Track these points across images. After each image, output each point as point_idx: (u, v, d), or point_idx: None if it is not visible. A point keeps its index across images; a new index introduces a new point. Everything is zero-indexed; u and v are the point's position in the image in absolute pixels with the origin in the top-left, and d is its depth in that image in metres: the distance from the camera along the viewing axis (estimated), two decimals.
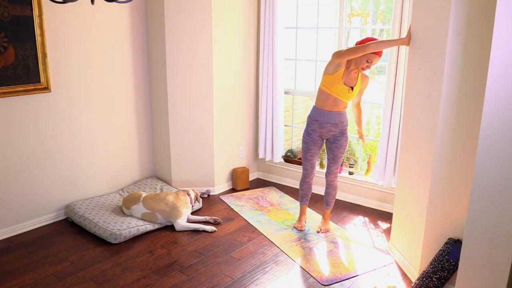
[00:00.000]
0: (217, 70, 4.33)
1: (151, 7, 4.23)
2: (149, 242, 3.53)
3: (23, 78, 3.46)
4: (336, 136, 3.47)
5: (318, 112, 3.42)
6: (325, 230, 3.72)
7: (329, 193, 3.69)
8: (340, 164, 3.63)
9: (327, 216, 3.76)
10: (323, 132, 3.46)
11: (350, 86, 3.31)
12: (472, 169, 2.43)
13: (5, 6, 3.27)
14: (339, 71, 3.26)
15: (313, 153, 3.54)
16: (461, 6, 2.44)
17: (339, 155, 3.53)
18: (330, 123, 3.40)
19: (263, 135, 4.82)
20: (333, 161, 3.56)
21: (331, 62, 3.29)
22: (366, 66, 3.22)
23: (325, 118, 3.40)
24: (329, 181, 3.65)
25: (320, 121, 3.42)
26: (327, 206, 3.73)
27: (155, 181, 4.50)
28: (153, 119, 4.56)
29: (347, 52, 3.15)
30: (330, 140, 3.51)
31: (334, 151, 3.52)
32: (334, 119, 3.40)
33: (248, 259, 3.29)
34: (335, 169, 3.59)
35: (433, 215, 2.79)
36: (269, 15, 4.45)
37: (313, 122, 3.45)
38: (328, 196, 3.70)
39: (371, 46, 3.05)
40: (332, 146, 3.51)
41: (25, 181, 3.64)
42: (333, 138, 3.49)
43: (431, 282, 2.74)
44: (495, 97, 2.04)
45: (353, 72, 3.29)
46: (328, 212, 3.75)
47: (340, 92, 3.31)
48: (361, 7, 5.34)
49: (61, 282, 2.95)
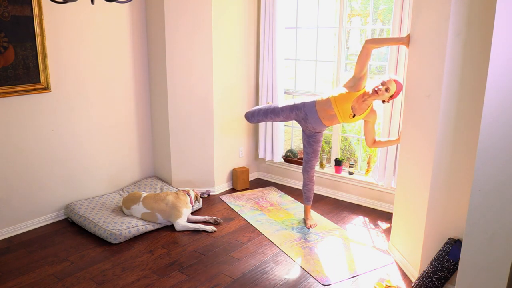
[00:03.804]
0: (217, 70, 4.33)
1: (151, 7, 4.23)
2: (149, 242, 3.53)
3: (23, 78, 3.46)
4: (312, 133, 3.64)
5: (313, 113, 3.44)
6: (314, 224, 3.83)
7: (310, 189, 3.82)
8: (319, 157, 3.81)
9: (309, 211, 3.90)
10: (302, 122, 3.58)
11: (354, 113, 3.32)
12: (472, 169, 2.43)
13: (5, 6, 3.27)
14: (354, 93, 3.25)
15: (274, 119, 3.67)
16: (461, 6, 2.44)
17: (317, 148, 3.70)
18: (312, 126, 3.54)
19: (263, 135, 4.82)
20: (313, 154, 3.71)
21: (351, 78, 3.30)
22: (378, 89, 3.13)
23: (313, 120, 3.47)
24: (311, 176, 3.78)
25: (308, 117, 3.49)
26: (308, 202, 3.86)
27: (155, 181, 4.50)
28: (153, 119, 4.56)
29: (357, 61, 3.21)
30: (307, 133, 3.67)
31: (313, 145, 3.68)
32: (318, 126, 3.54)
33: (248, 259, 3.29)
34: (315, 162, 3.75)
35: (433, 215, 2.79)
36: (269, 15, 4.45)
37: (303, 112, 3.49)
38: (309, 192, 3.83)
39: (371, 39, 3.17)
40: (310, 140, 3.67)
41: (25, 181, 3.64)
42: (310, 133, 3.65)
43: (431, 282, 2.74)
44: (495, 97, 2.04)
45: (365, 103, 3.27)
46: (309, 207, 3.89)
47: (343, 112, 3.33)
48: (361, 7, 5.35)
49: (61, 282, 2.95)
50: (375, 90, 3.17)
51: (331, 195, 4.55)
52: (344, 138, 5.14)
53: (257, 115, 3.74)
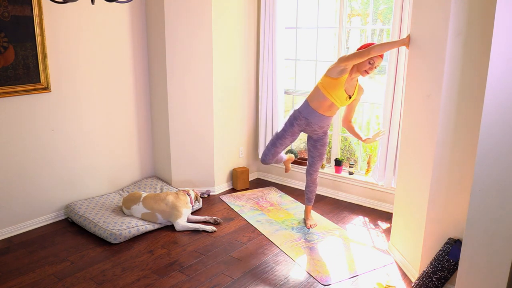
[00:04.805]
0: (217, 70, 4.33)
1: (151, 7, 4.23)
2: (149, 242, 3.53)
3: (23, 78, 3.46)
4: (320, 135, 3.58)
5: (311, 113, 3.43)
6: (315, 224, 3.83)
7: (312, 190, 3.82)
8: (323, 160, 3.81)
9: (310, 211, 3.91)
10: (307, 129, 3.53)
11: (349, 94, 3.35)
12: (472, 169, 2.43)
13: (5, 6, 3.27)
14: (343, 77, 3.26)
15: (284, 142, 3.60)
16: (461, 6, 2.44)
17: (324, 151, 3.68)
18: (318, 125, 3.48)
19: (263, 135, 4.82)
20: (318, 158, 3.69)
21: (335, 66, 3.26)
22: (369, 68, 3.21)
23: (315, 119, 3.44)
24: (314, 178, 3.77)
25: (310, 120, 3.45)
26: (310, 202, 3.86)
27: (155, 181, 4.50)
28: (153, 119, 4.56)
29: (352, 57, 3.15)
30: (313, 138, 3.63)
31: (319, 149, 3.65)
32: (323, 122, 3.47)
33: (248, 259, 3.29)
34: (320, 166, 3.76)
35: (433, 215, 2.79)
36: (269, 15, 4.45)
37: (302, 119, 3.47)
38: (311, 193, 3.83)
39: (375, 49, 3.07)
40: (317, 144, 3.63)
41: (25, 181, 3.64)
42: (317, 137, 3.60)
43: (431, 282, 2.74)
44: (495, 97, 2.04)
45: (354, 79, 3.33)
46: (310, 208, 3.90)
47: (338, 98, 3.34)
48: (361, 7, 5.34)
49: (61, 282, 2.95)
50: (366, 71, 3.22)
51: (331, 195, 4.55)
52: (344, 138, 5.14)
53: (269, 151, 3.67)
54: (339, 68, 3.23)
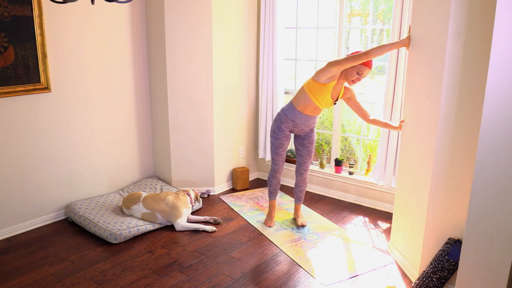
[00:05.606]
0: (217, 70, 4.33)
1: (151, 7, 4.23)
2: (149, 242, 3.53)
3: (23, 78, 3.46)
4: (307, 132, 3.60)
5: (297, 114, 3.44)
6: (305, 222, 3.85)
7: (303, 189, 3.83)
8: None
9: (300, 209, 3.91)
10: (294, 130, 3.55)
11: (334, 99, 3.36)
12: (472, 169, 2.43)
13: (5, 6, 3.27)
14: (330, 83, 3.25)
15: (285, 148, 3.65)
16: (461, 6, 2.44)
17: (312, 149, 3.67)
18: (305, 124, 3.50)
19: (263, 135, 4.82)
20: (308, 156, 3.69)
21: (325, 71, 3.18)
22: (356, 78, 3.19)
23: (302, 120, 3.46)
24: (304, 178, 3.78)
25: (296, 122, 3.47)
26: (299, 201, 3.87)
27: (155, 181, 4.50)
28: (153, 119, 4.56)
29: (346, 60, 3.07)
30: (301, 136, 3.63)
31: (308, 147, 3.65)
32: (309, 121, 3.50)
33: (248, 259, 3.29)
34: (309, 164, 3.75)
35: (433, 215, 2.79)
36: (269, 15, 4.45)
37: (289, 121, 3.48)
38: (301, 192, 3.84)
39: (374, 50, 3.02)
40: (305, 142, 3.64)
41: (25, 181, 3.64)
42: (304, 135, 3.61)
43: (431, 282, 2.74)
44: (495, 97, 2.04)
45: (340, 85, 3.33)
46: (300, 206, 3.90)
47: (324, 102, 3.35)
48: (361, 7, 5.34)
49: (61, 282, 2.95)
50: (353, 81, 3.21)
51: (331, 195, 4.55)
52: (344, 138, 5.14)
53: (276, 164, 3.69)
54: (329, 73, 3.17)
